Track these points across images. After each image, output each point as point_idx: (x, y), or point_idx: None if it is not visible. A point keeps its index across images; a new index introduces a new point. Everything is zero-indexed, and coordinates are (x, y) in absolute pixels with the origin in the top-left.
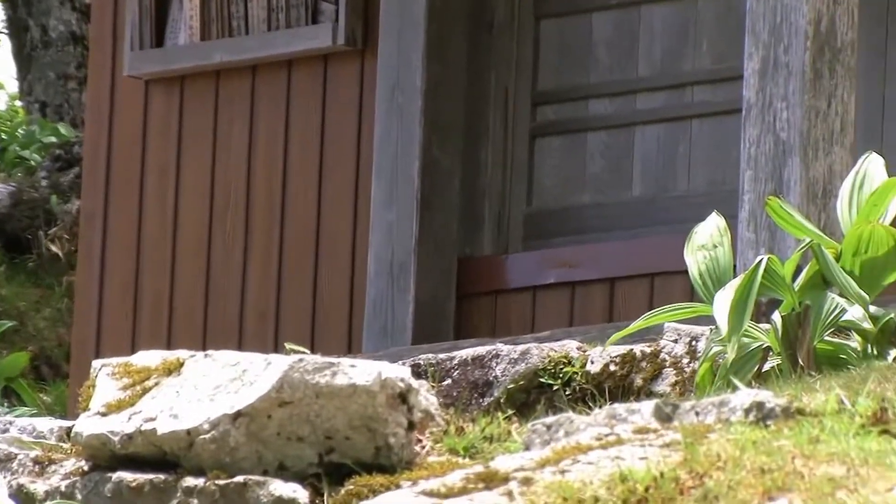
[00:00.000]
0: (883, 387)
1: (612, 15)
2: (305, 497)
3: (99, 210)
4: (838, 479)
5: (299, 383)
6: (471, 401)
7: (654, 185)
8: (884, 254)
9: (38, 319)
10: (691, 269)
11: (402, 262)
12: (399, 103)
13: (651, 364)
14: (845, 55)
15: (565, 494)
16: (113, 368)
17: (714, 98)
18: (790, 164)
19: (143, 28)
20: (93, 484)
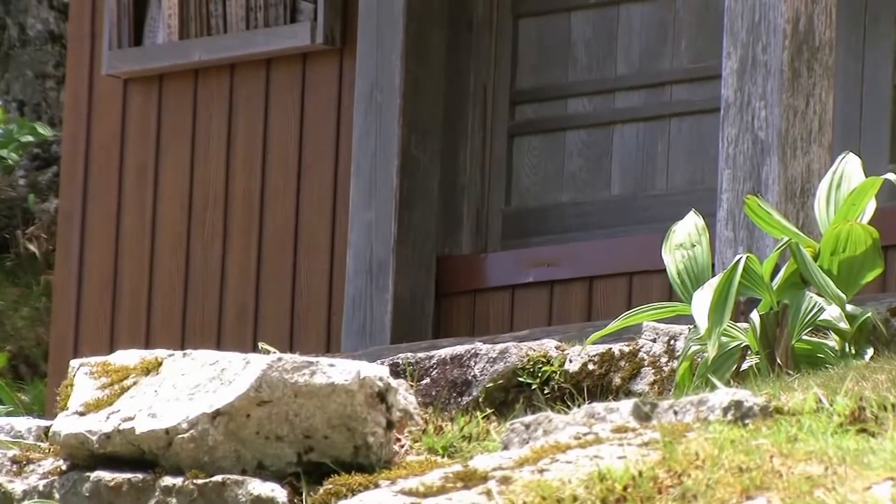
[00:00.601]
0: (861, 386)
1: (591, 14)
2: (284, 496)
3: (77, 209)
4: (816, 477)
5: (278, 382)
6: (449, 400)
7: (633, 184)
8: (861, 253)
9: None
10: (669, 268)
11: (381, 260)
12: (378, 102)
13: (630, 363)
14: (823, 54)
15: (544, 493)
16: (91, 368)
17: (692, 97)
18: (768, 163)
19: (121, 27)
20: (71, 483)
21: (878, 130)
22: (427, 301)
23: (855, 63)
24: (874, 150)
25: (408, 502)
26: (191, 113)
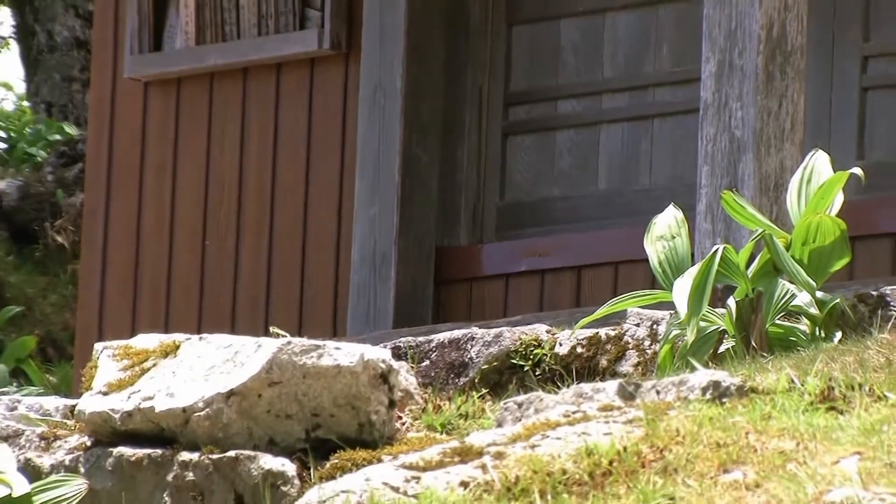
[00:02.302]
0: (830, 367)
1: (579, 21)
2: (293, 470)
3: (101, 203)
4: (789, 452)
5: (288, 364)
6: (447, 381)
7: (619, 180)
8: (830, 243)
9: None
10: (651, 257)
11: (384, 251)
12: (381, 104)
13: (615, 346)
14: (795, 58)
15: (535, 467)
16: (114, 351)
17: (674, 99)
18: (744, 160)
19: (142, 33)
20: (95, 458)
21: (846, 129)
22: (427, 289)
23: (825, 66)
24: (842, 147)
25: (408, 476)
26: (206, 114)
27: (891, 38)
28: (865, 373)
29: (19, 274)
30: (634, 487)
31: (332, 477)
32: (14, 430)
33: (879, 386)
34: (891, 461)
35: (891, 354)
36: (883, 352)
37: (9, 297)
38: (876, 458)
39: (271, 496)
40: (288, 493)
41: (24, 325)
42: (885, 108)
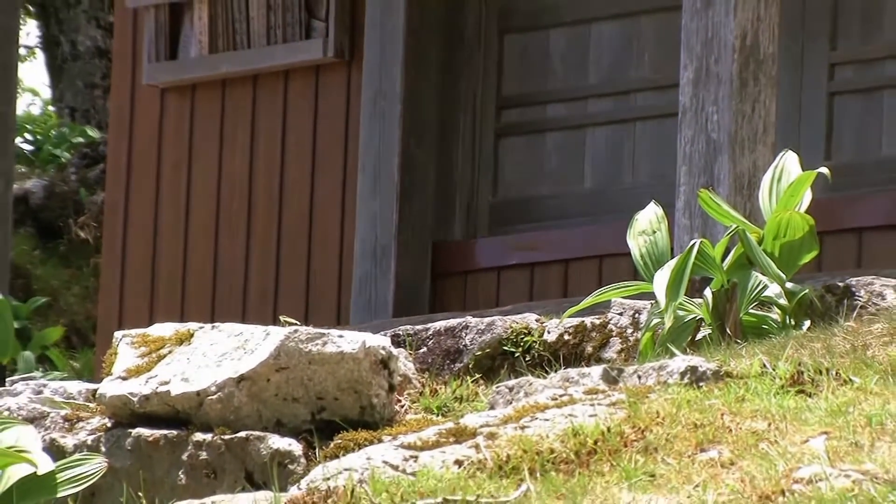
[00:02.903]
0: (799, 353)
1: (567, 30)
2: (299, 450)
3: (121, 201)
4: (761, 432)
5: (294, 351)
6: (443, 366)
7: (603, 179)
8: (799, 238)
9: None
10: (634, 251)
11: (385, 246)
12: (381, 107)
13: (600, 334)
14: (767, 66)
15: (525, 447)
16: (132, 338)
17: (654, 103)
18: (720, 160)
19: (159, 43)
20: (115, 438)
21: (815, 131)
22: (424, 281)
23: (795, 73)
24: (811, 149)
25: (407, 455)
26: (219, 118)
27: (856, 47)
28: (832, 358)
29: (45, 267)
30: (617, 465)
31: (336, 456)
32: (40, 412)
33: (845, 370)
34: (856, 440)
35: (856, 341)
36: (848, 339)
37: (36, 288)
38: (842, 438)
39: (279, 474)
40: (294, 471)
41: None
42: (850, 113)
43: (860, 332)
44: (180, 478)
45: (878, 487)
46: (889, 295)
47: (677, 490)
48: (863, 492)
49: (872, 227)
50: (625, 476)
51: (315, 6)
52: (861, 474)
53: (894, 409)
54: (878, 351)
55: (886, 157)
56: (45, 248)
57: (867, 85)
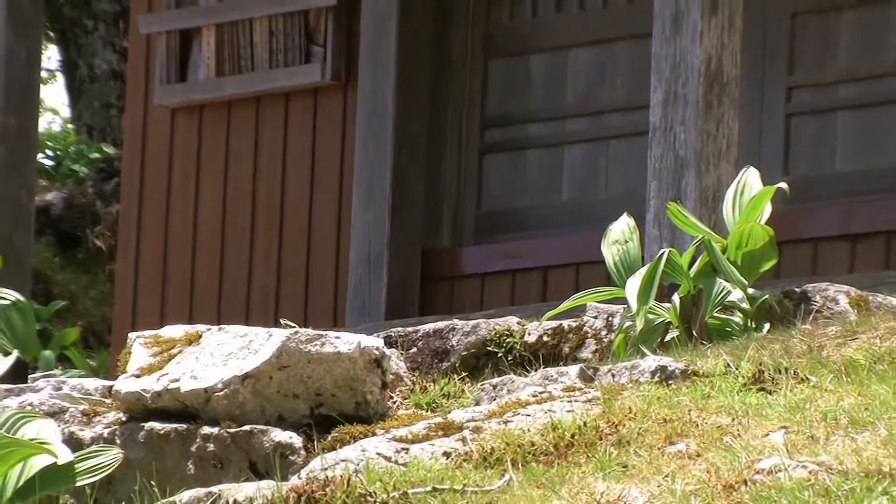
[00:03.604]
0: (760, 353)
1: (546, 56)
2: (300, 442)
3: (134, 212)
4: (725, 426)
5: (295, 351)
6: (432, 365)
7: (580, 193)
8: (760, 247)
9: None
10: (608, 259)
11: (377, 253)
12: (374, 126)
13: (576, 336)
14: (730, 89)
15: (508, 440)
16: (145, 339)
17: (627, 123)
18: (687, 175)
19: (169, 66)
20: (129, 432)
21: (774, 149)
22: (414, 286)
23: (755, 96)
24: (771, 165)
25: (399, 447)
26: (225, 135)
27: (811, 72)
28: (790, 358)
29: (64, 273)
30: (593, 457)
31: (333, 448)
32: (60, 407)
33: (802, 370)
34: (812, 434)
35: (812, 343)
36: (805, 340)
37: (55, 292)
38: (800, 432)
39: (281, 464)
40: (295, 461)
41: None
42: (806, 132)
43: (816, 334)
44: (189, 468)
45: (832, 478)
46: (842, 300)
47: (648, 480)
48: (819, 482)
49: (826, 238)
50: (600, 467)
51: (314, 33)
52: (817, 465)
53: (848, 405)
54: (833, 352)
55: (839, 172)
56: (64, 255)
57: (822, 107)
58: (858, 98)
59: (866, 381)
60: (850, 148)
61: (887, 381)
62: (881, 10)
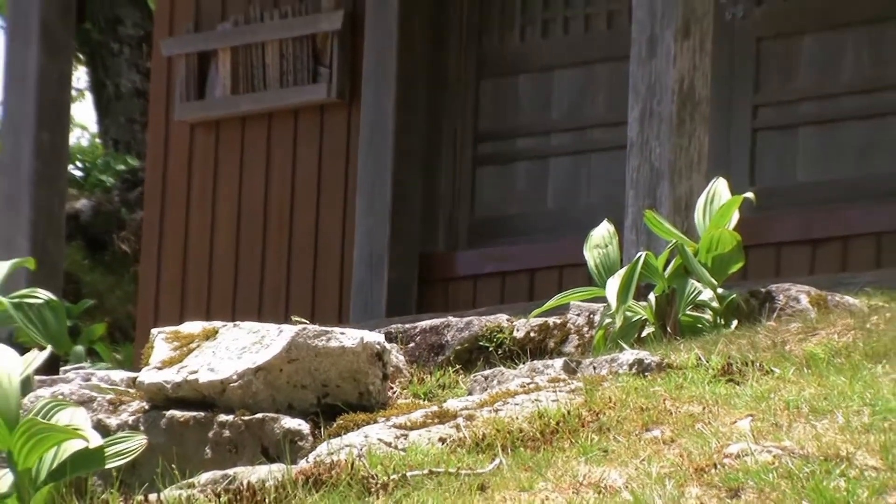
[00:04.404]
0: (728, 348)
1: (533, 76)
2: (307, 429)
3: (156, 219)
4: (697, 414)
5: (303, 346)
6: (428, 359)
7: (564, 201)
8: (728, 251)
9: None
10: (589, 262)
11: (379, 256)
12: (376, 140)
13: (560, 332)
14: (701, 107)
15: (498, 427)
16: (166, 334)
17: (607, 137)
18: (662, 185)
19: (189, 85)
20: (152, 419)
21: (741, 161)
22: (412, 286)
23: (724, 113)
24: (738, 176)
25: (398, 433)
26: (239, 148)
27: (775, 91)
28: (756, 352)
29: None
30: (576, 442)
31: (338, 434)
32: (89, 396)
33: (767, 363)
34: (776, 421)
35: (776, 338)
36: (770, 336)
37: (84, 292)
38: (765, 420)
39: (290, 449)
40: (303, 446)
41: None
42: (771, 146)
43: (779, 330)
44: (207, 452)
45: (794, 461)
46: (803, 299)
47: (626, 463)
48: (782, 465)
49: (789, 242)
50: (582, 451)
51: (321, 55)
52: (781, 450)
53: (808, 395)
54: (795, 346)
55: (801, 183)
56: (92, 258)
57: (784, 123)
58: (818, 115)
59: (825, 373)
60: (811, 161)
61: (844, 373)
62: (837, 35)
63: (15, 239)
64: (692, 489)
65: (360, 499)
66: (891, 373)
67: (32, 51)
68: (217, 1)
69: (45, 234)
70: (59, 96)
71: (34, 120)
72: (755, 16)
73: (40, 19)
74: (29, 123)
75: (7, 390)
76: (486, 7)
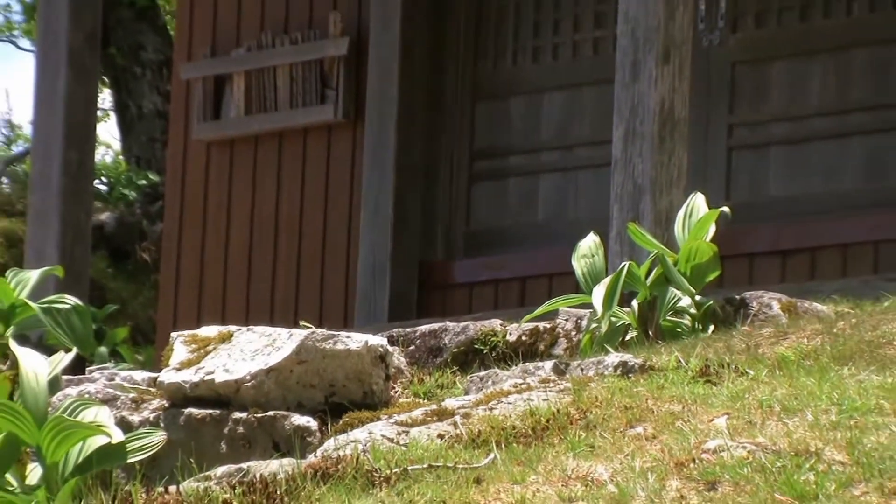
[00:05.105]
0: (706, 351)
1: (524, 98)
2: (316, 426)
3: (175, 230)
4: (677, 413)
5: (312, 348)
6: (428, 360)
7: (553, 214)
8: (706, 261)
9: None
10: (577, 271)
11: (381, 265)
12: (379, 158)
13: (550, 335)
14: (681, 126)
15: (493, 424)
16: (184, 338)
17: (593, 155)
18: (644, 200)
19: (205, 106)
20: (171, 416)
21: (717, 177)
22: (413, 293)
23: (702, 132)
24: (715, 191)
25: (400, 430)
26: (252, 165)
27: (749, 112)
28: (732, 355)
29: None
30: (565, 439)
31: (344, 431)
32: (113, 395)
33: (742, 365)
34: (750, 419)
35: (749, 342)
36: (744, 340)
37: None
38: (740, 418)
39: (299, 444)
40: (312, 442)
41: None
42: (745, 163)
43: (753, 334)
44: (222, 447)
45: (767, 456)
46: (775, 306)
47: (611, 458)
48: (756, 460)
49: (761, 253)
50: (570, 447)
51: (328, 79)
52: (755, 446)
53: (780, 395)
54: (767, 349)
55: (773, 197)
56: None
57: (757, 142)
58: (788, 135)
59: (795, 375)
60: (781, 177)
61: (813, 375)
62: (806, 62)
63: (45, 249)
64: (673, 482)
65: (364, 491)
66: (856, 374)
67: (61, 75)
68: (232, 28)
69: (72, 244)
70: (85, 117)
71: (62, 139)
72: (730, 43)
73: (68, 46)
74: (57, 143)
75: (35, 390)
76: (480, 35)
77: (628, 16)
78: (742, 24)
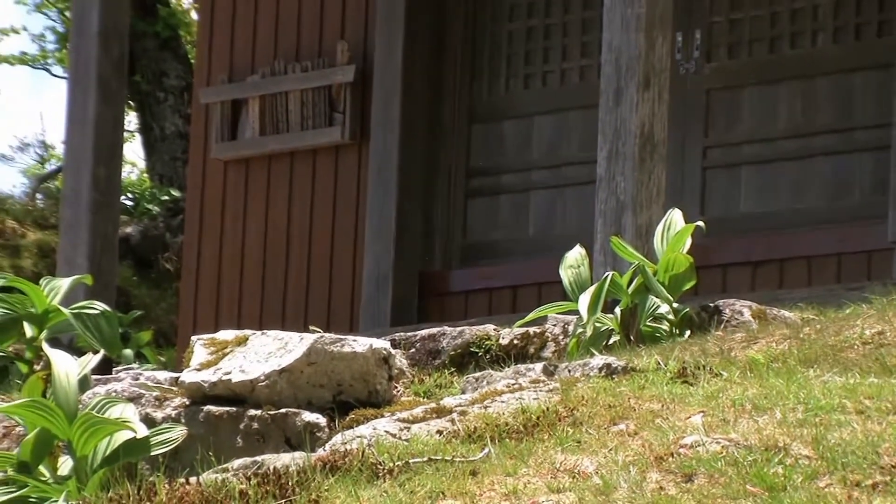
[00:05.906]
0: (683, 354)
1: (516, 121)
2: (324, 422)
3: (195, 242)
4: (657, 411)
5: (321, 351)
6: (427, 362)
7: (543, 228)
8: (683, 271)
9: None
10: (564, 280)
11: (385, 275)
12: (383, 176)
13: (540, 339)
14: (660, 147)
15: (487, 421)
16: (204, 341)
17: (580, 174)
18: (626, 215)
19: (223, 128)
20: (192, 413)
21: (693, 194)
22: (413, 300)
23: (679, 153)
24: (691, 207)
25: (402, 426)
26: (266, 182)
27: (722, 135)
28: (707, 358)
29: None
30: (554, 434)
31: (351, 427)
32: (138, 393)
33: (716, 367)
34: (724, 417)
35: (723, 346)
36: (718, 344)
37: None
38: (714, 415)
39: (310, 439)
40: (321, 437)
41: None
42: (718, 182)
43: (726, 339)
44: (238, 442)
45: (740, 451)
46: (746, 312)
47: (596, 452)
48: (729, 454)
49: (733, 264)
50: (559, 442)
51: (335, 102)
52: (728, 441)
53: (751, 394)
54: (739, 353)
55: (744, 213)
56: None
57: (730, 162)
58: (758, 155)
59: (765, 376)
60: (752, 194)
61: (781, 376)
62: (774, 87)
63: (75, 259)
64: (653, 475)
65: (369, 482)
66: (821, 376)
67: (91, 99)
68: (247, 56)
69: (100, 254)
70: (113, 137)
71: (92, 157)
72: (705, 71)
73: (97, 73)
74: (87, 160)
75: (66, 388)
76: (476, 64)
77: (612, 46)
78: (716, 55)
